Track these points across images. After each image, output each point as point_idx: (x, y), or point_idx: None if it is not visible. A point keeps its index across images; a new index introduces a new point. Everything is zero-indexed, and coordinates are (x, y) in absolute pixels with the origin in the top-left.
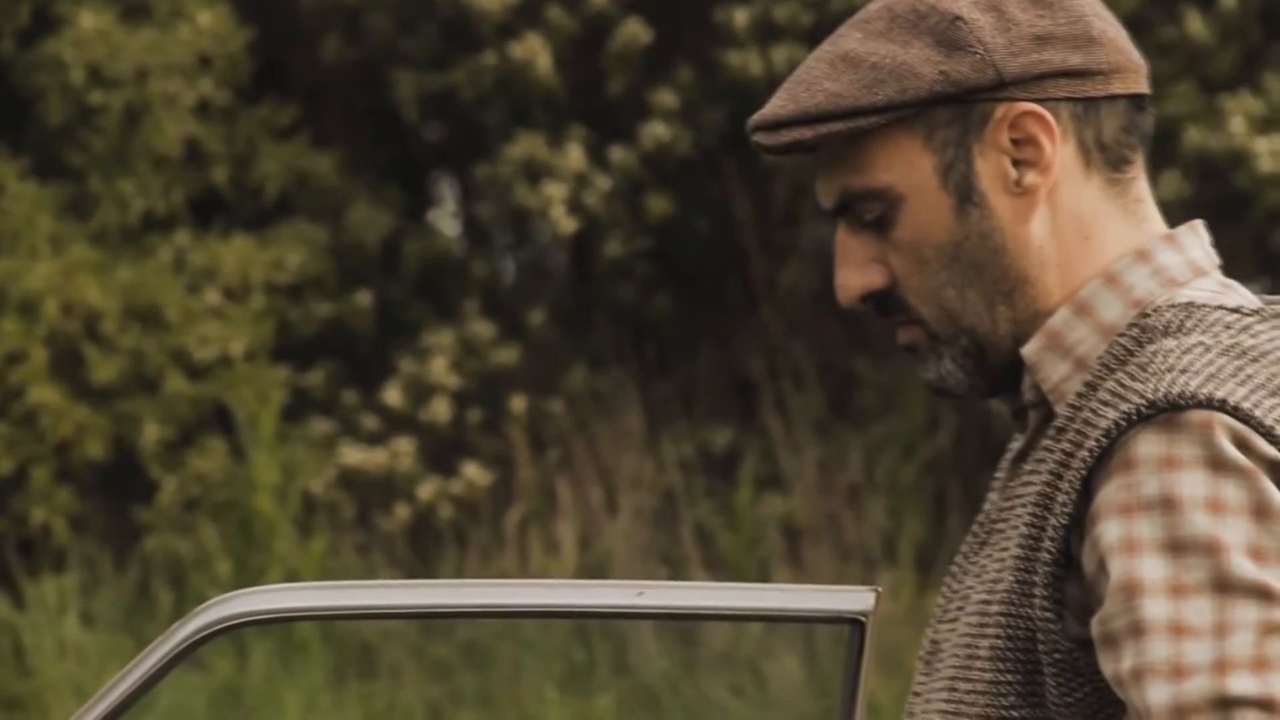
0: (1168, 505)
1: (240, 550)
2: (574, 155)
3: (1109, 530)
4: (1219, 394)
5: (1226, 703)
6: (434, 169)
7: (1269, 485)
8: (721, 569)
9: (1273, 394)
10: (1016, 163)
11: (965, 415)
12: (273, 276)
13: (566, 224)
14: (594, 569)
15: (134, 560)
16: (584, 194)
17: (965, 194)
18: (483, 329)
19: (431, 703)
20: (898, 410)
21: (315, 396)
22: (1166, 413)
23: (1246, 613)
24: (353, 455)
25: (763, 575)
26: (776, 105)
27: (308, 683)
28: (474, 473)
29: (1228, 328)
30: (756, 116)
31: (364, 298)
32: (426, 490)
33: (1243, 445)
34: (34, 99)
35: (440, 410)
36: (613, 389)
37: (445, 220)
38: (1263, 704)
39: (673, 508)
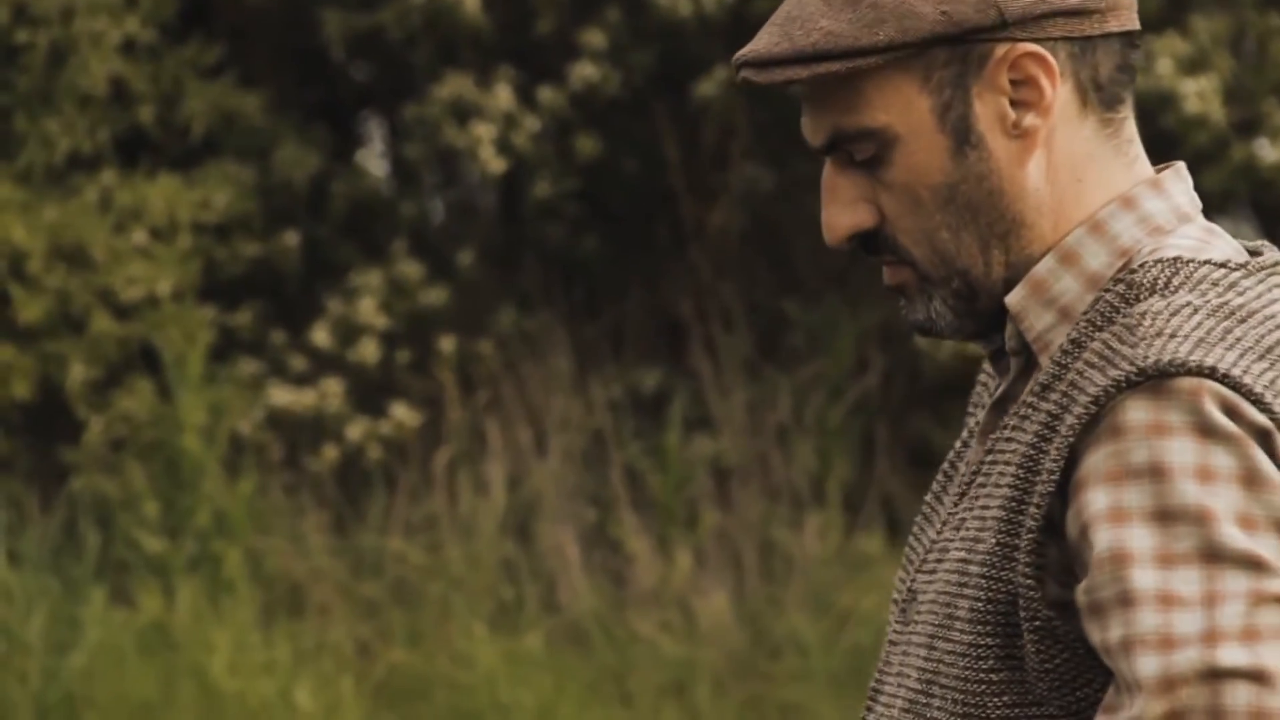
0: (1156, 473)
1: (168, 491)
2: (502, 95)
3: (1096, 499)
4: (1208, 361)
5: (1216, 674)
6: (362, 109)
7: (1258, 453)
8: (650, 510)
9: (1260, 357)
10: (1015, 104)
11: (892, 357)
12: (199, 216)
13: (495, 164)
14: (523, 510)
15: (60, 500)
16: (512, 134)
17: (963, 135)
18: (411, 269)
19: (361, 641)
20: (826, 352)
21: (243, 337)
22: (1155, 380)
23: (1236, 583)
24: (281, 396)
25: (691, 516)
26: (769, 42)
27: (236, 621)
28: (403, 413)
29: (1215, 285)
30: (746, 52)
31: (291, 238)
32: (355, 431)
33: (1232, 412)
34: None
35: (368, 351)
36: (542, 330)
37: (373, 160)
38: (1253, 675)
39: (602, 449)
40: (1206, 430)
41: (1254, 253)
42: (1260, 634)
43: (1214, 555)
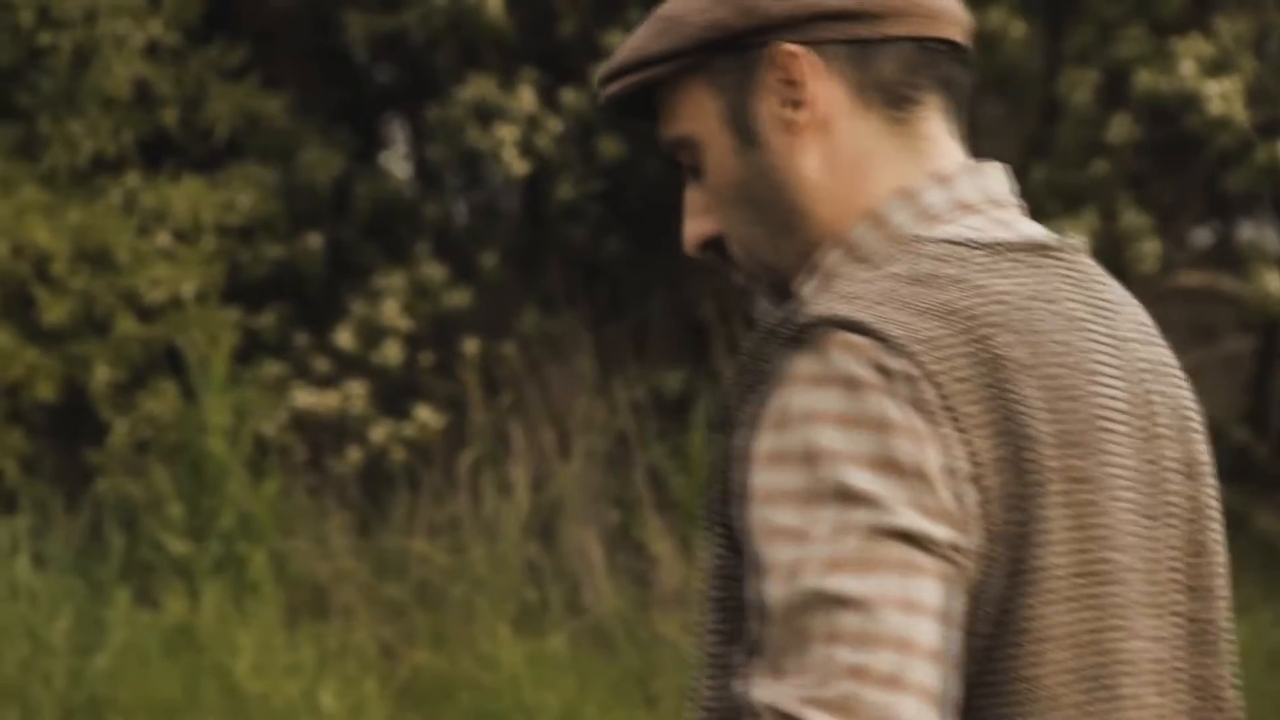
0: (785, 419)
1: (192, 493)
2: (525, 97)
3: (739, 440)
4: (848, 313)
5: (826, 600)
6: (385, 111)
7: (888, 400)
8: (674, 511)
9: (940, 317)
10: (787, 103)
11: None
12: (223, 218)
13: (518, 166)
14: (546, 511)
15: (85, 502)
16: (535, 136)
17: (746, 135)
18: (434, 271)
19: (385, 642)
20: None
21: (266, 339)
22: (795, 331)
23: (855, 516)
24: (304, 398)
25: None
26: (608, 63)
27: (261, 623)
28: (426, 415)
29: (936, 259)
30: (600, 71)
31: (315, 240)
32: (378, 433)
33: (871, 363)
34: None
35: (392, 353)
36: (565, 332)
37: (396, 162)
38: (857, 603)
39: (625, 450)
40: (833, 378)
41: (1033, 242)
42: (871, 565)
43: (834, 495)
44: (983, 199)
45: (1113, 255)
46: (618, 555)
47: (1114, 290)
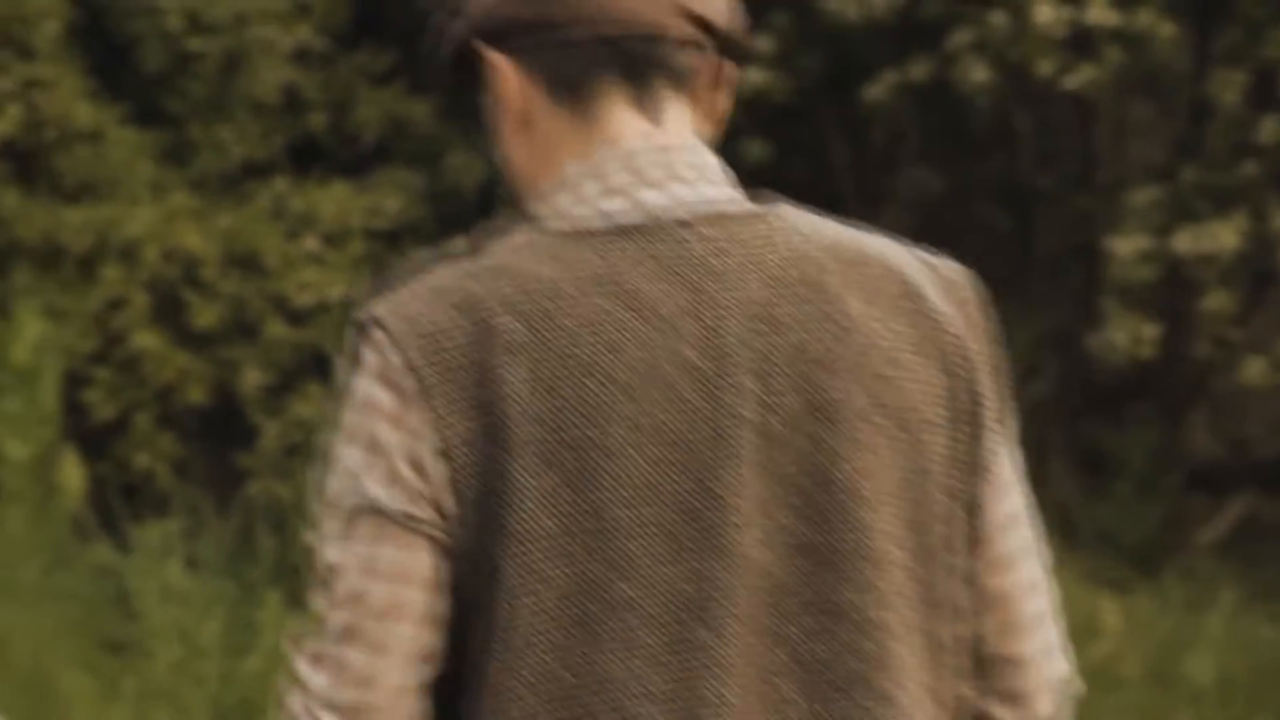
0: (342, 397)
1: None
2: None
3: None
4: (376, 308)
5: (325, 567)
6: None
7: (379, 387)
8: None
9: (457, 308)
10: (498, 98)
11: (1065, 361)
12: (370, 222)
13: None
14: None
15: (236, 505)
16: None
17: (492, 128)
18: None
19: None
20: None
21: None
22: (356, 322)
23: (345, 490)
24: None
25: None
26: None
27: None
28: None
29: (512, 249)
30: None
31: (461, 243)
32: None
33: (378, 354)
34: (132, 45)
35: None
36: None
37: None
38: (340, 570)
39: None
40: (359, 364)
41: (682, 222)
42: (349, 535)
43: (335, 470)
44: (629, 181)
45: (1264, 256)
46: None
47: (740, 256)
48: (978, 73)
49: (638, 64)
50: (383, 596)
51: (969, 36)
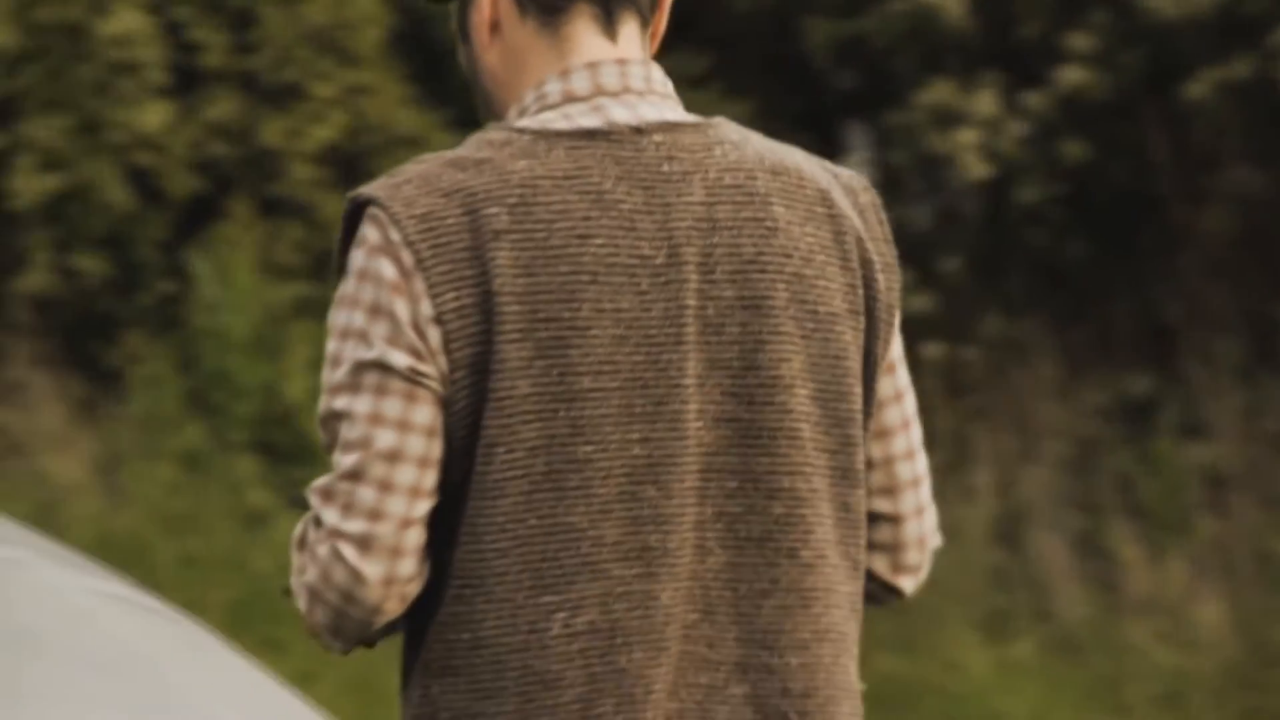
0: (347, 270)
1: None
2: (986, 101)
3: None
4: (373, 190)
5: (331, 415)
6: (845, 116)
7: (382, 259)
8: (1142, 517)
9: (445, 194)
10: (478, 11)
11: None
12: None
13: (979, 170)
14: (1011, 517)
15: None
16: (997, 140)
17: (464, 34)
18: None
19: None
20: None
21: None
22: (351, 203)
23: (348, 348)
24: None
25: (1184, 524)
26: None
27: None
28: None
29: (491, 144)
30: None
31: None
32: None
33: (379, 230)
34: (451, 51)
35: None
36: (1028, 336)
37: (856, 168)
38: (349, 418)
39: (1090, 455)
40: (361, 240)
41: (638, 129)
42: (354, 387)
43: (343, 330)
44: (592, 90)
45: None
46: (1084, 561)
47: (687, 163)
48: None
49: None
50: (389, 441)
51: None
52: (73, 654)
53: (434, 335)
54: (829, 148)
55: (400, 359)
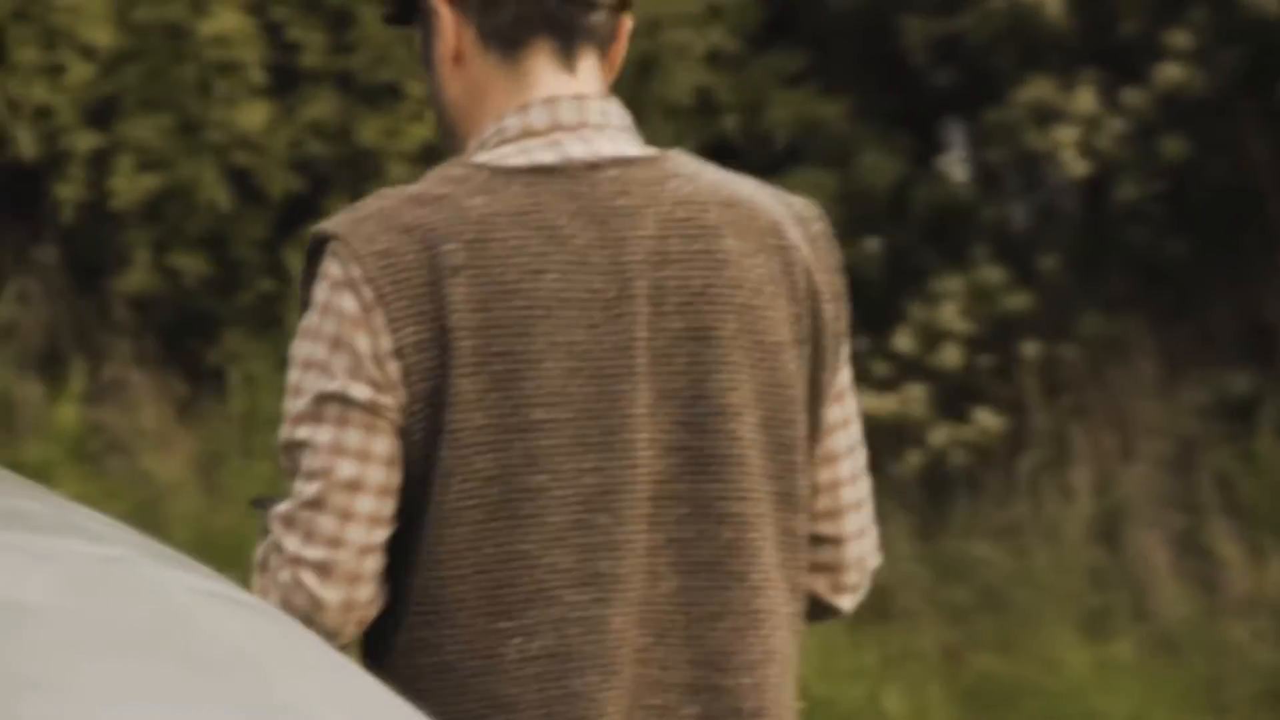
0: (309, 304)
1: None
2: (1085, 98)
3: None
4: (335, 226)
5: (292, 444)
6: (943, 114)
7: (344, 294)
8: (1243, 516)
9: (405, 231)
10: (440, 43)
11: None
12: None
13: (1078, 167)
14: (1110, 516)
15: None
16: (1096, 137)
17: (426, 62)
18: (993, 274)
19: (948, 646)
20: None
21: None
22: (315, 239)
23: (310, 380)
24: (865, 401)
25: None
26: None
27: (822, 626)
28: (986, 419)
29: (449, 180)
30: None
31: (873, 244)
32: (938, 436)
33: (341, 266)
34: None
35: (951, 356)
36: (1127, 334)
37: (954, 166)
38: (311, 447)
39: (1190, 454)
40: (324, 275)
41: (592, 165)
42: (316, 417)
43: (305, 362)
44: (549, 125)
45: None
46: (1184, 560)
47: (640, 197)
48: None
49: (567, 29)
50: (349, 471)
51: None
52: (176, 652)
53: (393, 369)
54: (927, 146)
55: (361, 391)
